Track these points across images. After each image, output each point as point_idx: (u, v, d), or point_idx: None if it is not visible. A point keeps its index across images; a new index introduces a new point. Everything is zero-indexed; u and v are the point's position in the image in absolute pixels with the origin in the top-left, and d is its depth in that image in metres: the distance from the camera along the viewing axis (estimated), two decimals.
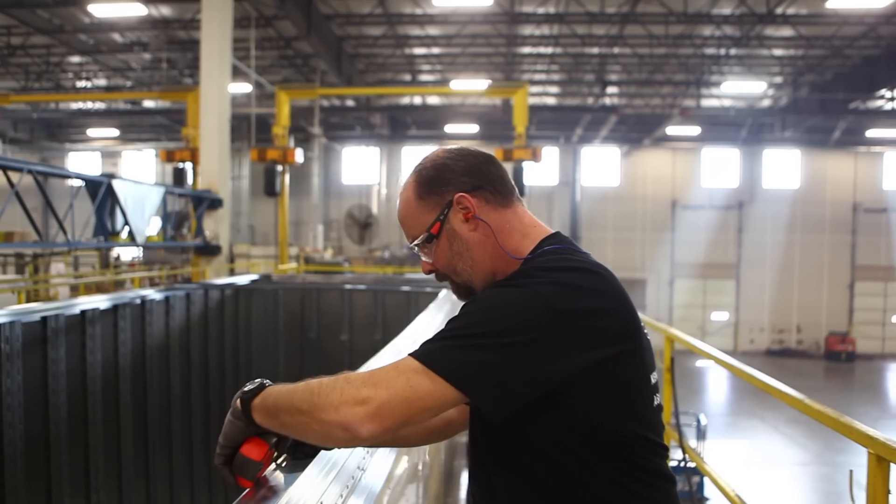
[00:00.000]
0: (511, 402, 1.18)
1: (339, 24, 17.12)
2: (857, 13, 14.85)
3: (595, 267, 1.28)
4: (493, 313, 1.20)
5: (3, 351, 4.27)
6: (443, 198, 1.37)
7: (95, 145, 28.97)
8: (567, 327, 1.17)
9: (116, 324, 5.61)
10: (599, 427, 1.23)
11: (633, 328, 1.24)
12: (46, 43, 18.63)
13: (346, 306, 8.72)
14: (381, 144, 26.79)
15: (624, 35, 17.08)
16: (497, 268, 1.36)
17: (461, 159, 1.40)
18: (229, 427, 1.28)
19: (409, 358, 1.20)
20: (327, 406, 1.15)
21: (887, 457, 1.65)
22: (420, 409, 1.16)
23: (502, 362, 1.16)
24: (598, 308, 1.20)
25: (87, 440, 5.23)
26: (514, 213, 1.39)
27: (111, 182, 7.72)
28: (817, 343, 26.65)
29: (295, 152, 12.24)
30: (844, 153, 26.21)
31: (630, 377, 1.24)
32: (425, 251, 1.41)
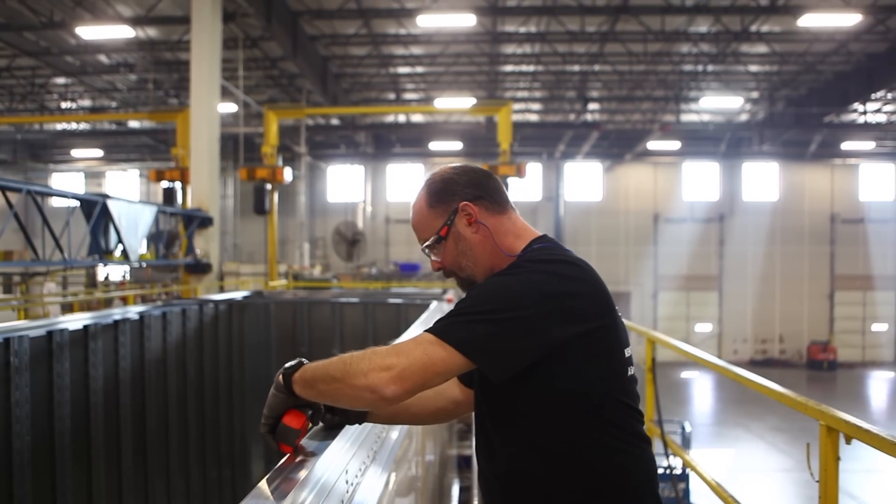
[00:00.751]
0: (509, 366, 1.43)
1: (325, 45, 17.40)
2: (828, 31, 15.34)
3: (575, 260, 1.55)
4: (494, 295, 1.46)
5: (13, 364, 4.42)
6: (450, 206, 1.63)
7: (79, 166, 28.99)
8: (553, 306, 1.43)
9: (117, 338, 5.76)
10: (581, 391, 1.47)
11: (607, 308, 1.51)
12: (32, 65, 18.74)
13: (336, 320, 8.88)
14: (366, 162, 27.03)
15: (604, 53, 17.51)
16: (495, 264, 1.61)
17: (465, 174, 1.67)
18: (273, 399, 1.49)
19: (425, 333, 1.44)
20: (357, 373, 1.38)
21: (836, 427, 1.88)
22: (434, 373, 1.40)
23: (501, 333, 1.41)
24: (577, 291, 1.47)
25: (89, 452, 5.36)
26: (508, 218, 1.66)
27: (106, 202, 7.87)
28: (799, 352, 27.06)
29: (284, 171, 12.44)
30: (821, 165, 26.81)
31: (606, 348, 1.50)
32: (435, 251, 1.67)
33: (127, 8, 15.06)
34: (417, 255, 25.85)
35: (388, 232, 27.26)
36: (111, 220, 8.07)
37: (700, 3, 14.13)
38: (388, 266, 21.79)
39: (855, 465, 14.69)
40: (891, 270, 26.97)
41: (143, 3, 14.61)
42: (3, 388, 4.41)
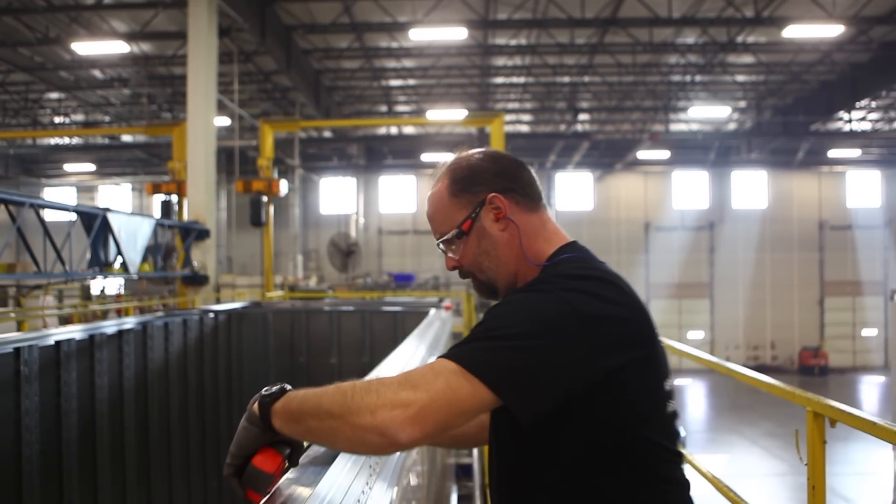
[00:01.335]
0: (541, 404, 1.19)
1: (318, 58, 17.59)
2: (812, 41, 15.65)
3: (613, 277, 1.32)
4: (523, 316, 1.22)
5: (22, 373, 4.51)
6: (476, 196, 1.41)
7: (71, 180, 29.01)
8: (592, 333, 1.20)
9: (121, 348, 5.85)
10: (613, 435, 1.25)
11: (650, 335, 1.29)
12: (26, 80, 18.83)
13: (334, 329, 8.98)
14: (358, 174, 27.20)
15: (594, 64, 17.77)
16: (520, 268, 1.41)
17: (495, 161, 1.46)
18: (243, 434, 1.21)
19: (443, 360, 1.18)
20: (362, 409, 1.10)
21: (822, 412, 2.02)
22: (460, 411, 1.15)
23: (533, 364, 1.17)
24: (618, 316, 1.24)
25: (94, 460, 5.44)
26: (539, 218, 1.45)
27: (106, 215, 7.96)
28: (791, 358, 27.31)
29: (279, 183, 12.57)
30: (808, 173, 27.18)
31: (648, 383, 1.28)
32: (452, 248, 1.45)
33: (122, 23, 15.21)
34: (410, 266, 26.00)
35: (381, 243, 27.38)
36: (111, 232, 8.16)
37: (687, 15, 14.40)
38: (382, 277, 21.89)
39: (848, 469, 14.89)
40: (879, 276, 27.30)
41: (137, 18, 14.75)
42: (14, 397, 4.49)
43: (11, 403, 4.48)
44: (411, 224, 27.31)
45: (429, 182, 1.52)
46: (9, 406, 4.44)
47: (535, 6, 14.30)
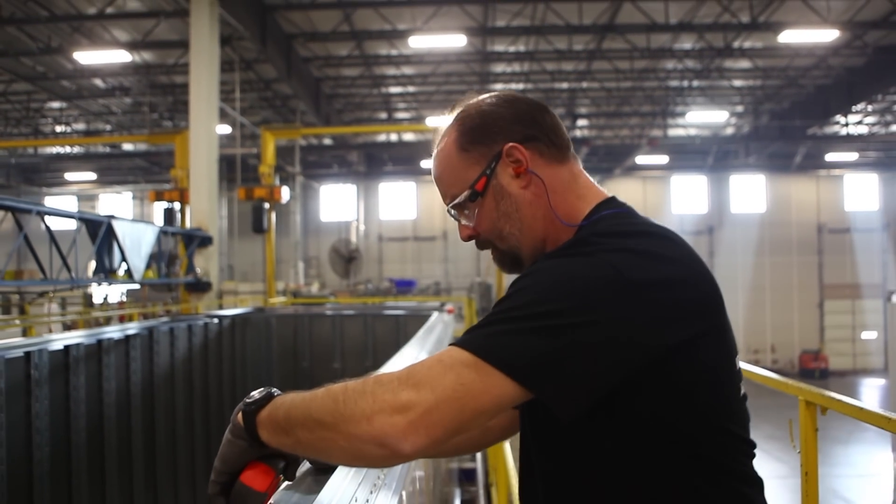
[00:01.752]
0: (584, 395, 0.97)
1: (318, 66, 17.73)
2: (808, 46, 15.78)
3: (664, 231, 1.10)
4: (556, 288, 0.99)
5: (33, 377, 4.59)
6: (490, 149, 1.18)
7: (72, 189, 29.12)
8: (645, 302, 0.97)
9: (128, 353, 5.94)
10: (678, 421, 1.02)
11: (716, 301, 1.06)
12: (28, 89, 18.96)
13: (337, 334, 9.07)
14: (358, 181, 27.30)
15: (591, 70, 17.92)
16: (548, 232, 1.17)
17: (511, 105, 1.23)
18: (228, 448, 1.03)
19: (454, 348, 0.97)
20: (357, 416, 0.92)
21: (813, 401, 2.11)
22: (475, 411, 0.94)
23: (571, 348, 0.94)
24: (677, 278, 1.01)
25: (103, 464, 5.52)
26: (569, 170, 1.21)
27: (111, 222, 8.06)
28: (791, 362, 27.35)
29: (281, 190, 12.68)
30: (806, 177, 27.30)
31: (716, 360, 1.04)
32: (465, 213, 1.21)
33: (124, 33, 15.35)
34: (411, 273, 26.09)
35: (382, 250, 27.46)
36: (116, 239, 8.25)
37: (684, 21, 14.55)
38: (383, 283, 21.97)
39: (850, 471, 14.95)
40: (878, 279, 27.38)
41: (139, 28, 14.89)
42: (25, 400, 4.58)
43: (23, 407, 4.56)
44: (411, 231, 27.40)
45: (435, 140, 1.29)
46: (20, 409, 4.52)
47: (533, 13, 14.45)
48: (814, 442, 2.14)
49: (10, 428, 4.37)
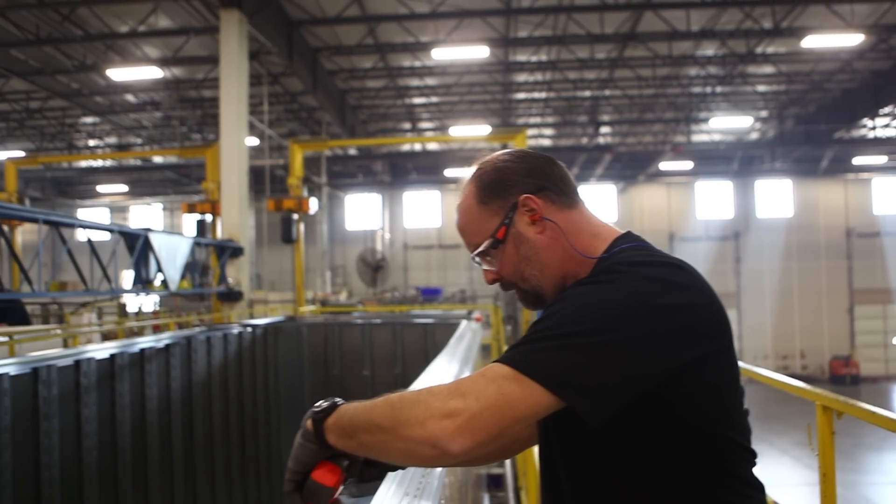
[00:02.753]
0: (609, 405, 1.11)
1: (343, 79, 18.04)
2: (832, 50, 15.71)
3: (677, 262, 1.23)
4: (582, 311, 1.13)
5: (82, 384, 4.83)
6: (507, 200, 1.32)
7: (105, 201, 29.79)
8: (662, 324, 1.11)
9: (168, 361, 6.17)
10: (693, 430, 1.16)
11: (724, 325, 1.19)
12: (63, 105, 19.53)
13: (366, 342, 9.24)
14: (383, 191, 27.57)
15: (614, 78, 17.99)
16: (568, 270, 1.31)
17: (522, 160, 1.37)
18: (300, 451, 1.21)
19: (496, 364, 1.13)
20: (411, 421, 1.08)
21: (829, 406, 2.23)
22: (513, 418, 1.08)
23: (598, 362, 1.09)
24: (690, 304, 1.15)
25: (146, 468, 5.74)
26: (580, 213, 1.35)
27: (148, 235, 8.34)
28: (822, 368, 27.01)
29: (309, 201, 12.93)
30: (834, 181, 27.00)
31: (724, 377, 1.18)
32: (488, 259, 1.35)
33: (155, 49, 15.79)
34: (436, 280, 26.25)
35: (407, 258, 27.67)
36: (152, 251, 8.53)
37: (706, 28, 14.58)
38: (409, 291, 22.15)
39: (882, 479, 14.78)
40: None
41: (170, 44, 15.31)
42: (75, 406, 4.81)
43: (73, 413, 4.79)
44: (436, 239, 27.59)
45: (456, 193, 1.44)
46: (71, 415, 4.75)
47: (554, 23, 14.58)
48: (830, 445, 2.25)
49: (62, 433, 4.60)
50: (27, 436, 4.32)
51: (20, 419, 4.23)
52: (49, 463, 4.43)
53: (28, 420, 4.33)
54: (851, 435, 16.85)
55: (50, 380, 4.47)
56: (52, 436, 4.48)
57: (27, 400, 4.31)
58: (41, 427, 4.41)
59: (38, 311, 14.66)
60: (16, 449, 4.15)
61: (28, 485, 4.30)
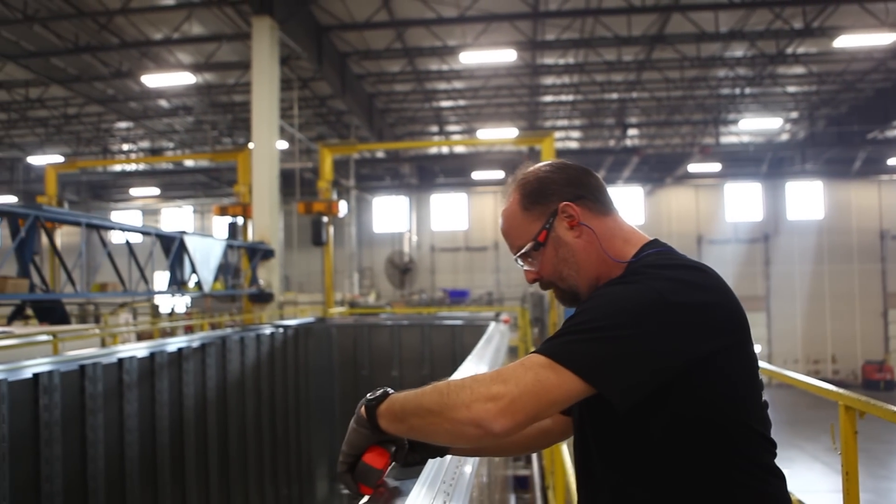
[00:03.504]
0: (635, 391, 1.22)
1: (371, 83, 18.24)
2: (865, 50, 15.51)
3: (699, 265, 1.35)
4: (611, 308, 1.26)
5: (125, 381, 5.02)
6: (548, 207, 1.45)
7: (137, 203, 30.43)
8: (681, 319, 1.23)
9: (204, 360, 6.36)
10: (712, 419, 1.27)
11: (741, 321, 1.31)
12: (99, 111, 20.03)
13: (395, 343, 9.38)
14: (410, 193, 27.77)
15: (641, 80, 17.94)
16: (601, 272, 1.43)
17: (562, 171, 1.50)
18: (354, 435, 1.33)
19: (533, 355, 1.25)
20: (458, 404, 1.19)
21: (852, 406, 2.30)
22: (549, 401, 1.20)
23: (624, 353, 1.21)
24: (709, 301, 1.27)
25: (183, 463, 5.93)
26: (614, 220, 1.48)
27: (183, 237, 8.56)
28: (854, 373, 26.56)
29: (339, 204, 13.12)
30: (867, 182, 26.55)
31: (741, 369, 1.29)
32: (529, 261, 1.49)
33: (188, 55, 16.14)
34: (463, 283, 26.37)
35: (434, 260, 27.82)
36: (187, 253, 8.76)
37: (735, 29, 14.49)
38: (437, 293, 22.29)
39: None
40: None
41: (202, 51, 15.64)
42: (117, 402, 5.00)
43: (116, 408, 4.98)
44: (463, 241, 27.71)
45: (500, 200, 1.56)
46: (114, 410, 4.95)
47: (582, 26, 14.61)
48: (853, 444, 2.31)
49: (106, 427, 4.79)
50: (75, 430, 4.51)
51: (69, 414, 4.42)
52: (94, 456, 4.62)
53: (76, 415, 4.52)
54: (885, 441, 16.61)
55: (95, 377, 4.66)
56: (97, 430, 4.67)
57: (75, 396, 4.50)
58: (87, 421, 4.60)
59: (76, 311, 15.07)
60: (65, 442, 4.34)
61: (76, 476, 4.49)
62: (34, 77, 16.37)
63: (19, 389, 4.06)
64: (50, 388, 4.25)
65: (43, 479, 4.18)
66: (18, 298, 6.58)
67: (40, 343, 5.91)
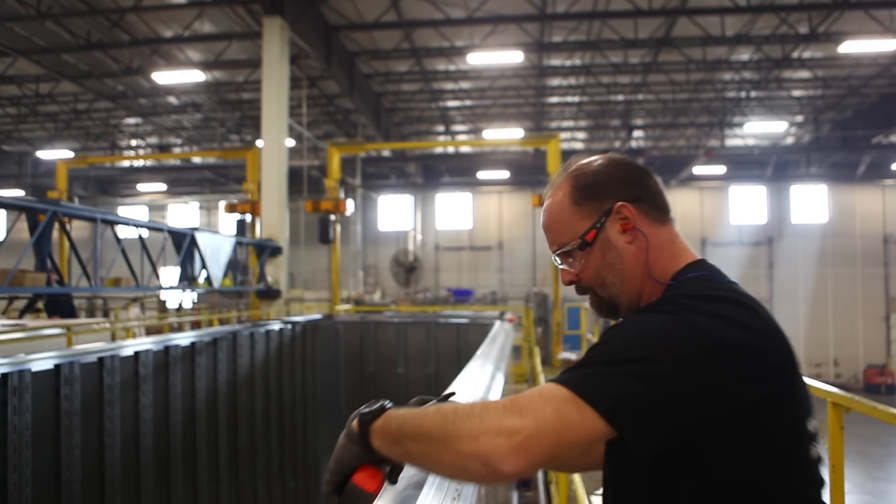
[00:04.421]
0: (660, 439, 1.06)
1: (379, 82, 18.39)
2: (871, 55, 15.59)
3: (747, 300, 1.18)
4: (645, 340, 1.10)
5: (140, 374, 5.18)
6: (601, 205, 1.30)
7: (144, 199, 30.62)
8: (721, 363, 1.07)
9: (216, 354, 6.51)
10: (747, 481, 1.09)
11: (788, 368, 1.14)
12: (108, 107, 20.21)
13: (401, 341, 9.53)
14: (416, 192, 27.90)
15: (647, 83, 18.05)
16: (646, 286, 1.29)
17: (621, 168, 1.35)
18: (343, 451, 1.17)
19: (552, 384, 1.08)
20: (464, 435, 1.03)
21: (839, 402, 2.44)
22: (570, 442, 1.03)
23: (653, 394, 1.05)
24: (752, 344, 1.10)
25: (195, 454, 6.09)
26: (668, 231, 1.34)
27: (194, 234, 8.72)
28: (856, 376, 26.62)
29: (346, 203, 13.27)
30: (871, 186, 26.60)
31: (785, 421, 1.12)
32: (570, 261, 1.34)
33: (198, 53, 16.30)
34: (467, 282, 26.50)
35: (438, 259, 27.96)
36: (197, 249, 8.91)
37: (741, 33, 14.59)
38: (441, 292, 22.42)
39: None
40: None
41: (212, 49, 15.80)
42: (134, 394, 5.16)
43: (132, 400, 5.14)
44: (467, 240, 27.84)
45: (546, 191, 1.41)
46: (130, 402, 5.11)
47: (589, 29, 14.73)
48: (840, 438, 2.46)
49: (122, 417, 4.95)
50: (93, 419, 4.67)
51: (88, 404, 4.58)
52: (111, 445, 4.78)
53: (94, 405, 4.68)
54: (884, 444, 16.70)
55: (113, 369, 4.82)
56: (114, 420, 4.83)
57: (94, 386, 4.66)
58: (105, 412, 4.76)
59: (84, 305, 15.28)
60: (84, 431, 4.50)
61: (94, 463, 4.65)
62: (45, 72, 16.54)
63: (42, 380, 4.22)
64: (70, 379, 4.41)
65: (63, 467, 4.34)
66: (37, 292, 6.73)
67: (54, 336, 6.07)
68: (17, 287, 5.97)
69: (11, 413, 3.90)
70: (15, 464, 3.89)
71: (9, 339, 5.34)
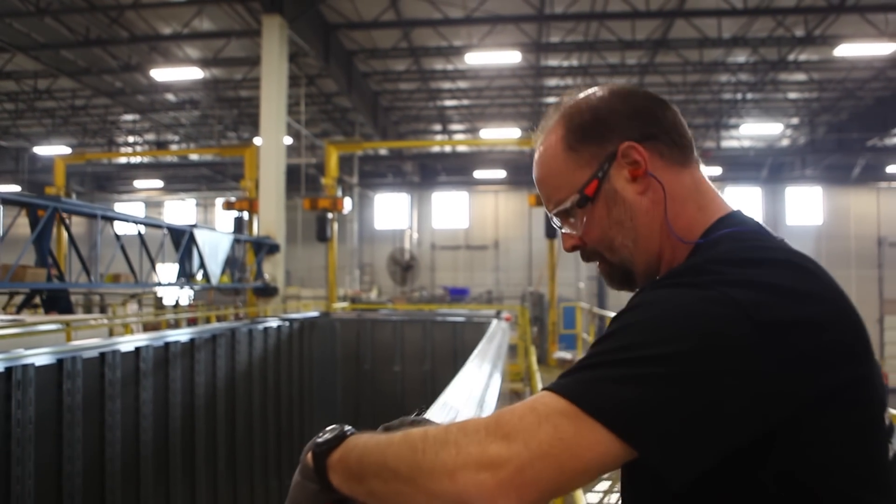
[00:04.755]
0: (698, 461, 0.80)
1: (377, 81, 18.44)
2: (866, 59, 15.71)
3: (801, 259, 0.91)
4: (668, 327, 0.82)
5: (141, 369, 5.23)
6: (603, 149, 1.02)
7: (141, 195, 30.61)
8: (774, 349, 0.80)
9: (214, 351, 6.57)
10: (814, 491, 0.83)
11: (862, 345, 0.86)
12: (106, 104, 20.21)
13: (397, 339, 9.59)
14: (412, 191, 27.96)
15: (644, 84, 18.13)
16: (665, 246, 1.02)
17: (626, 100, 1.06)
18: (298, 492, 0.92)
19: (548, 394, 0.82)
20: (437, 470, 0.79)
21: None
22: (576, 471, 0.78)
23: (687, 402, 0.78)
24: (815, 319, 0.83)
25: (193, 450, 6.14)
26: (691, 175, 1.05)
27: (193, 231, 8.77)
28: None
29: (343, 201, 13.33)
30: (866, 189, 26.76)
31: (861, 417, 0.85)
32: (570, 221, 1.07)
33: (196, 51, 16.33)
34: (462, 281, 26.57)
35: (434, 258, 28.02)
36: (196, 246, 8.96)
37: (737, 35, 14.69)
38: (437, 290, 22.49)
39: None
40: None
41: (211, 46, 15.83)
42: (134, 389, 5.21)
43: (132, 395, 5.19)
44: (464, 239, 27.90)
45: (536, 137, 1.11)
46: (131, 397, 5.16)
47: (586, 30, 14.81)
48: None
49: (123, 412, 5.00)
50: (95, 414, 4.72)
51: (89, 398, 4.63)
52: (112, 439, 4.83)
53: (96, 400, 4.73)
54: None
55: (115, 364, 4.87)
56: (115, 415, 4.88)
57: (95, 381, 4.71)
58: (106, 406, 4.81)
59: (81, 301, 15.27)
60: (85, 425, 4.55)
61: (95, 457, 4.70)
62: (43, 68, 16.55)
63: (45, 374, 4.27)
64: (73, 374, 4.46)
65: (65, 460, 4.39)
66: (37, 287, 6.77)
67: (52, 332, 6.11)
68: (18, 282, 6.01)
69: (15, 407, 3.95)
70: (18, 457, 3.94)
71: (8, 334, 5.38)
